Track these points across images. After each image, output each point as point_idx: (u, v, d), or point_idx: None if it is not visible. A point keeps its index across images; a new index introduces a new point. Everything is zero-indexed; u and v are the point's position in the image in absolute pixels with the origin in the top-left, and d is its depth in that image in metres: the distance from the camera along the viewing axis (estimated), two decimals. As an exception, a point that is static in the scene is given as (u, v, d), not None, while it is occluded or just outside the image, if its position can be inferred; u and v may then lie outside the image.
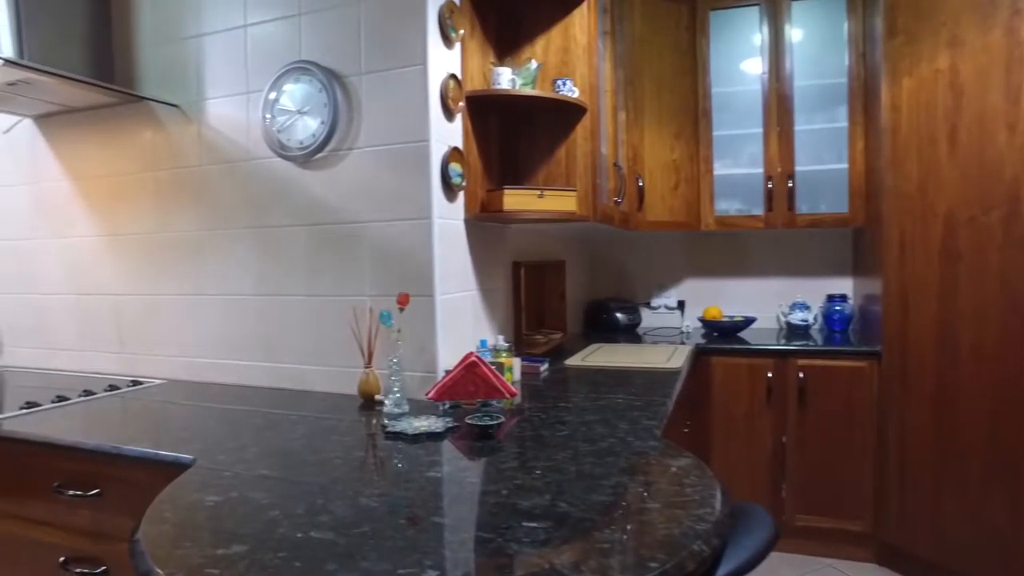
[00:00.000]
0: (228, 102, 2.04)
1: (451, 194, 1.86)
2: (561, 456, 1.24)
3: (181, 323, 2.18)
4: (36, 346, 2.53)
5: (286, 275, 1.98)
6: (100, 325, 2.36)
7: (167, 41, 2.15)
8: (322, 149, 1.88)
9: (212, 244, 2.10)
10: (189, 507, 1.03)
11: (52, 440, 1.52)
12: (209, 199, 2.09)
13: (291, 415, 1.66)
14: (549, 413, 1.60)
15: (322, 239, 1.91)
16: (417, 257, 1.78)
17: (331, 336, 1.91)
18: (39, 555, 1.57)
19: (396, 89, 1.78)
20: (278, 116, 1.93)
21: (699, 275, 3.44)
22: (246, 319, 2.05)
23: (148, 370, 2.25)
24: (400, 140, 1.78)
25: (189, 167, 2.12)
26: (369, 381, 1.78)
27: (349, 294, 1.88)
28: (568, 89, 2.03)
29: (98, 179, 2.32)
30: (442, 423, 1.49)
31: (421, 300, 1.78)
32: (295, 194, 1.95)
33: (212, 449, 1.37)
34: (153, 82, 2.18)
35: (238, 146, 2.03)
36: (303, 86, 1.89)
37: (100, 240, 2.33)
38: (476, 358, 1.67)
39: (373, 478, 1.15)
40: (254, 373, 2.05)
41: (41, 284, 2.50)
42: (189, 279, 2.15)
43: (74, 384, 2.12)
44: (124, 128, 2.24)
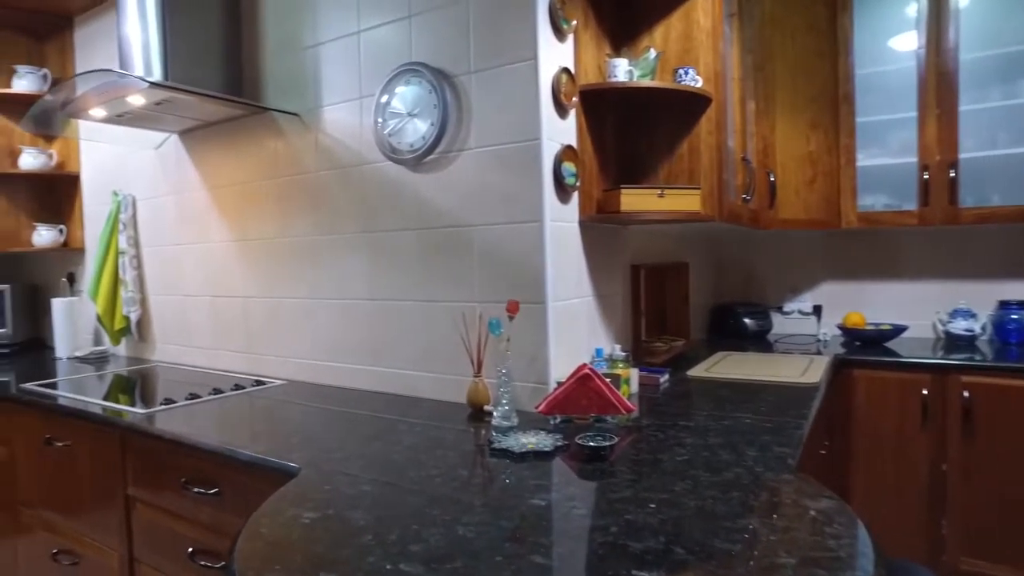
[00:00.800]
0: (342, 108, 2.06)
1: (564, 195, 1.76)
2: (679, 487, 1.11)
3: (300, 326, 2.24)
4: (180, 343, 2.72)
5: (397, 280, 1.97)
6: (230, 325, 2.50)
7: (288, 52, 2.21)
8: (432, 151, 1.84)
9: (327, 249, 2.14)
10: (285, 524, 1.01)
11: (179, 438, 1.59)
12: (325, 204, 2.14)
13: (400, 424, 1.64)
14: (668, 433, 1.46)
15: (432, 243, 1.88)
16: (528, 262, 1.70)
17: (441, 343, 1.88)
18: (174, 543, 1.66)
19: (506, 86, 1.70)
20: (389, 119, 1.93)
21: (838, 278, 3.11)
22: (359, 323, 2.07)
23: (271, 370, 2.34)
24: (511, 140, 1.71)
25: (307, 173, 2.18)
26: (478, 391, 1.73)
27: (459, 300, 1.84)
28: (690, 79, 1.87)
29: (229, 187, 2.45)
30: (551, 440, 1.40)
31: (532, 307, 1.69)
32: (406, 198, 1.93)
33: (318, 458, 1.37)
34: (276, 92, 2.26)
35: (351, 151, 2.05)
36: (413, 88, 1.87)
37: (231, 245, 2.46)
38: (589, 370, 1.57)
39: (473, 503, 1.07)
40: (367, 378, 2.06)
41: (184, 286, 2.68)
42: (307, 283, 2.21)
43: (207, 381, 2.25)
44: (251, 138, 2.35)
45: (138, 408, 1.90)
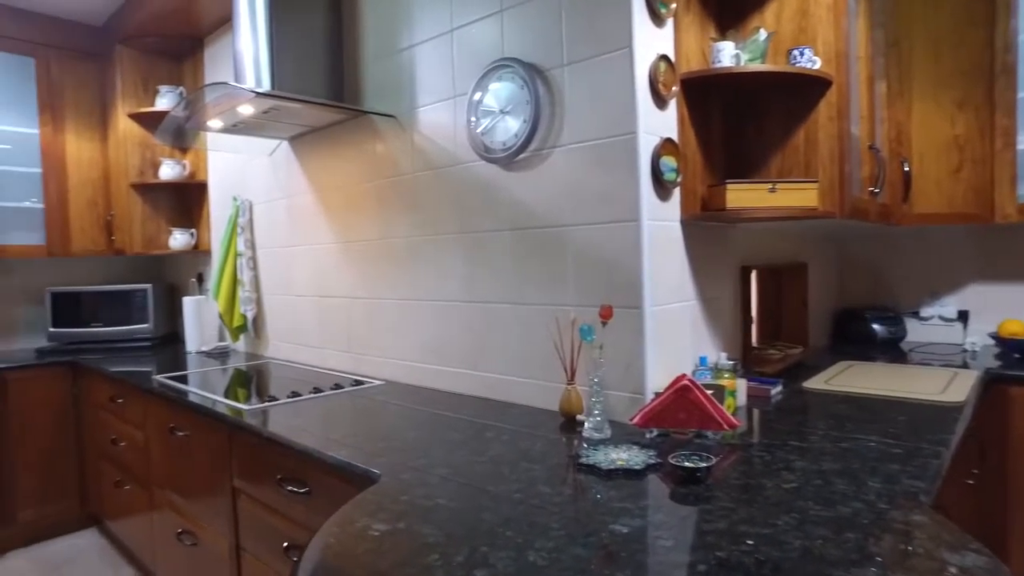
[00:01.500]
0: (437, 108, 2.05)
1: (664, 192, 1.64)
2: (784, 521, 0.97)
3: (399, 327, 2.26)
4: (291, 341, 2.85)
5: (491, 282, 1.93)
6: (335, 325, 2.57)
7: (385, 56, 2.24)
8: (524, 149, 1.78)
9: (424, 250, 2.14)
10: (355, 535, 0.99)
11: (273, 437, 1.64)
12: (421, 206, 2.14)
13: (489, 431, 1.59)
14: (775, 454, 1.31)
15: (526, 244, 1.82)
16: (624, 264, 1.59)
17: (535, 347, 1.81)
18: (271, 537, 1.71)
19: (600, 78, 1.61)
20: (482, 118, 1.89)
21: (990, 279, 2.72)
22: (455, 325, 2.05)
23: (372, 370, 2.38)
24: (605, 134, 1.61)
25: (404, 175, 2.19)
26: (571, 399, 1.65)
27: (552, 303, 1.77)
28: (807, 60, 1.68)
29: (333, 190, 2.52)
30: (643, 457, 1.29)
31: (628, 312, 1.59)
32: (499, 198, 1.89)
33: (400, 465, 1.34)
34: (374, 96, 2.30)
35: (446, 151, 2.03)
36: (505, 84, 1.82)
37: (335, 246, 2.53)
38: (689, 381, 1.44)
39: (550, 525, 1.00)
40: (463, 381, 2.04)
41: (294, 286, 2.80)
42: (405, 284, 2.23)
43: (311, 379, 2.33)
44: (352, 141, 2.40)
45: (242, 404, 1.99)
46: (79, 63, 3.51)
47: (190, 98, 2.28)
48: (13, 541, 3.12)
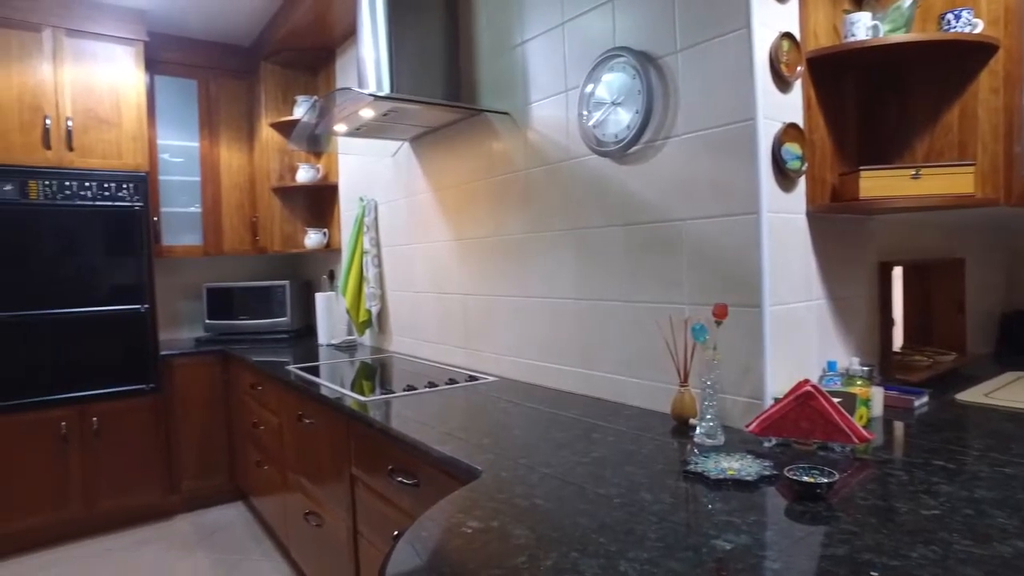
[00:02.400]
0: (549, 103, 2.03)
1: (786, 182, 1.51)
2: (919, 553, 0.85)
3: (512, 323, 2.27)
4: (412, 336, 2.95)
5: (603, 279, 1.88)
6: (452, 321, 2.63)
7: (499, 53, 2.25)
8: (636, 141, 1.72)
9: (536, 247, 2.13)
10: (448, 530, 0.99)
11: (385, 428, 1.69)
12: (534, 202, 2.12)
13: (596, 431, 1.55)
14: (915, 474, 1.16)
15: (638, 240, 1.76)
16: (742, 260, 1.49)
17: (647, 347, 1.74)
18: (383, 525, 1.77)
19: (716, 63, 1.51)
20: (593, 111, 1.84)
21: None
22: (567, 323, 2.02)
23: (487, 366, 2.41)
24: (721, 122, 1.51)
25: (517, 171, 2.19)
26: (684, 402, 1.57)
27: (666, 301, 1.69)
28: (964, 23, 1.47)
29: (450, 188, 2.57)
30: (756, 467, 1.20)
31: (746, 311, 1.48)
32: (611, 192, 1.83)
33: (502, 462, 1.34)
34: (489, 93, 2.31)
35: (558, 146, 2.01)
36: (617, 75, 1.76)
37: (452, 244, 2.59)
38: (812, 387, 1.32)
39: (647, 535, 0.94)
40: (575, 379, 2.01)
41: (414, 283, 2.90)
42: (518, 281, 2.23)
43: (428, 374, 2.39)
44: (468, 140, 2.44)
45: (359, 396, 2.08)
46: (231, 81, 3.86)
47: (318, 105, 2.42)
48: (178, 506, 3.50)
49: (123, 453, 3.29)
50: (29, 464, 3.06)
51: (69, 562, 2.97)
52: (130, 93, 3.29)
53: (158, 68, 3.61)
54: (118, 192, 3.25)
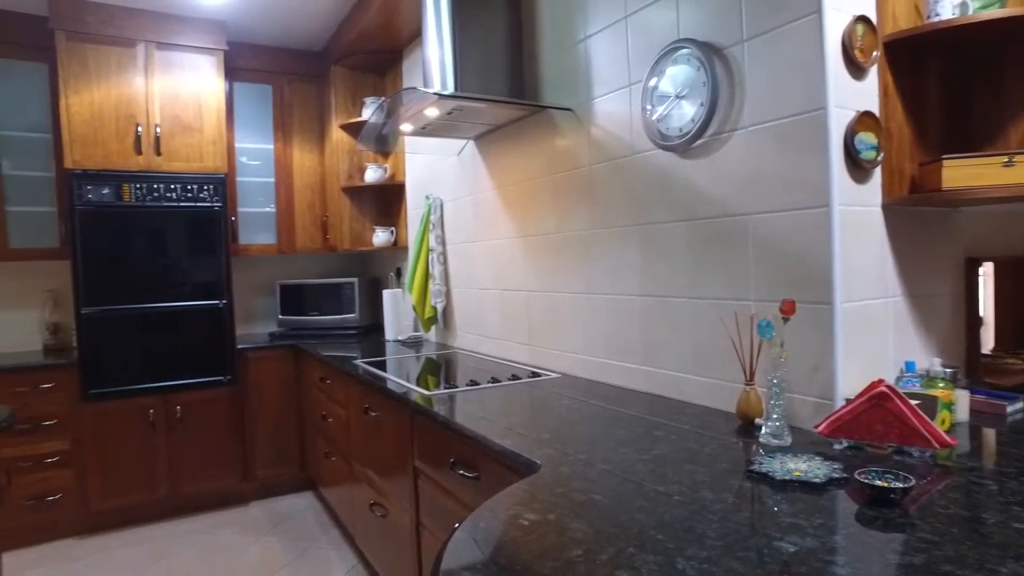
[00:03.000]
0: (612, 98, 2.01)
1: (860, 173, 1.44)
2: (1009, 569, 0.79)
3: (576, 320, 2.26)
4: (476, 333, 2.98)
5: (668, 275, 1.85)
6: (516, 318, 2.64)
7: (562, 49, 2.24)
8: (701, 135, 1.68)
9: (600, 243, 2.11)
10: (505, 522, 0.99)
11: (447, 422, 1.72)
12: (598, 198, 2.11)
13: (658, 429, 1.52)
14: (1007, 484, 1.08)
15: (703, 235, 1.72)
16: (811, 255, 1.43)
17: (712, 344, 1.70)
18: (445, 517, 1.80)
19: (783, 51, 1.46)
20: (657, 105, 1.81)
21: None
22: (631, 320, 2.00)
23: (550, 363, 2.41)
24: (789, 113, 1.46)
25: (581, 167, 2.18)
26: (750, 401, 1.52)
27: (731, 298, 1.64)
28: (1062, 1, 1.37)
29: (514, 186, 2.58)
30: (825, 469, 1.15)
31: (816, 308, 1.42)
32: (676, 187, 1.80)
33: (561, 458, 1.33)
34: (552, 90, 2.31)
35: (622, 141, 1.98)
36: (681, 68, 1.72)
37: (516, 241, 2.60)
38: (887, 388, 1.26)
39: (706, 534, 0.92)
40: (638, 377, 1.98)
41: (478, 280, 2.93)
42: (581, 278, 2.22)
43: (492, 370, 2.41)
44: (532, 137, 2.44)
45: (423, 390, 2.12)
46: (303, 85, 4.01)
47: (385, 105, 2.48)
48: (253, 493, 3.66)
49: (203, 440, 3.47)
50: (123, 448, 3.28)
51: (154, 540, 3.16)
52: (211, 99, 3.47)
53: (236, 75, 3.79)
54: (200, 193, 3.43)
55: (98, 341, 3.23)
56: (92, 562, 2.98)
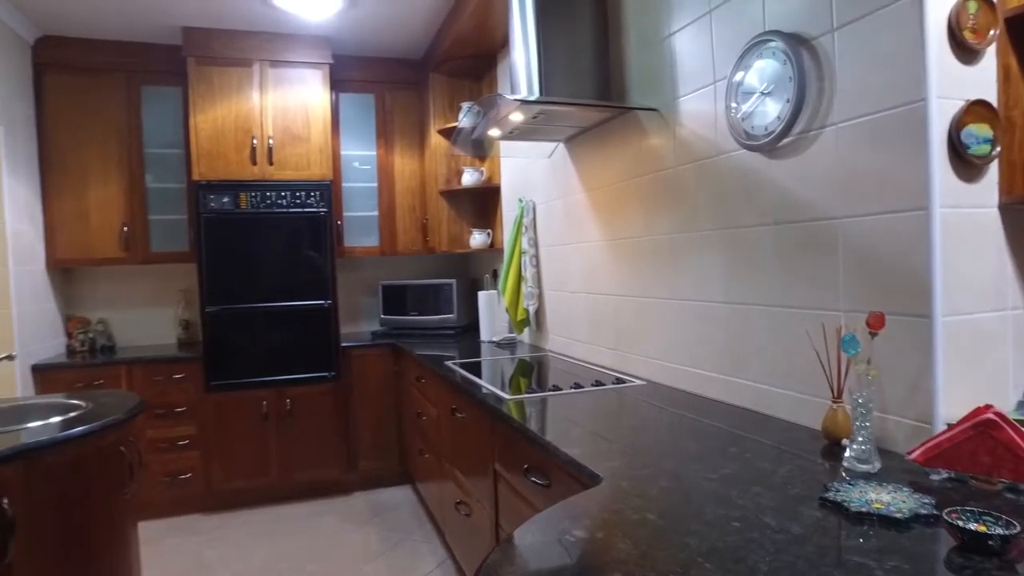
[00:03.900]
0: (697, 97, 1.93)
1: (969, 170, 1.29)
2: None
3: (661, 326, 2.19)
4: (566, 336, 2.97)
5: (753, 281, 1.75)
6: (603, 322, 2.60)
7: (646, 48, 2.18)
8: (787, 133, 1.57)
9: (685, 247, 2.03)
10: (554, 535, 0.98)
11: (522, 428, 1.72)
12: (683, 200, 2.03)
13: (734, 445, 1.45)
14: None
15: (790, 240, 1.61)
16: (908, 262, 1.30)
17: (799, 356, 1.59)
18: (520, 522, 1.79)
19: (878, 39, 1.33)
20: (741, 102, 1.72)
21: None
22: (715, 328, 1.91)
23: (635, 369, 2.36)
24: (883, 107, 1.33)
25: (666, 169, 2.11)
26: (837, 419, 1.41)
27: (819, 307, 1.53)
28: None
29: (602, 188, 2.55)
30: (911, 503, 1.04)
31: (914, 321, 1.29)
32: (761, 188, 1.70)
33: (625, 471, 1.30)
34: (637, 90, 2.25)
35: (707, 142, 1.90)
36: (766, 62, 1.62)
37: (604, 244, 2.56)
38: (995, 414, 1.13)
39: (759, 566, 0.86)
40: (721, 387, 1.89)
41: (569, 283, 2.91)
42: (667, 283, 2.15)
43: (577, 374, 2.40)
44: (618, 138, 2.39)
45: (504, 393, 2.13)
46: (404, 92, 4.16)
47: (473, 111, 2.52)
48: (356, 484, 3.86)
49: (310, 432, 3.70)
50: (240, 436, 3.57)
51: (265, 522, 3.41)
52: (317, 111, 3.68)
53: (341, 86, 4.00)
54: (307, 199, 3.66)
55: (219, 337, 3.53)
56: (214, 536, 3.27)
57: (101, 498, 2.02)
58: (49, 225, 3.54)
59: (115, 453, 2.08)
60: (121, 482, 2.11)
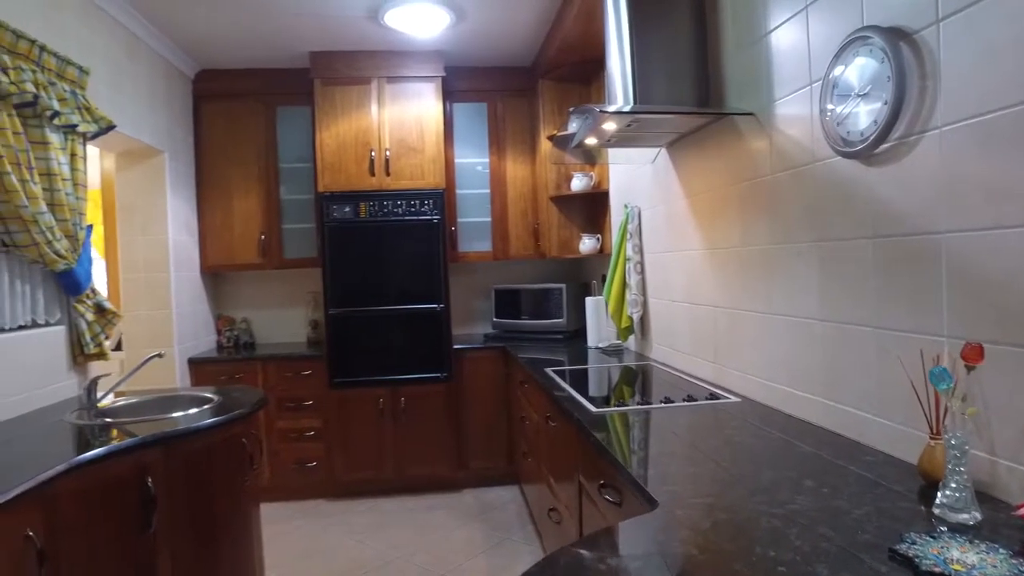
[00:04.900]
0: (793, 100, 1.80)
1: (1104, 178, 1.11)
2: None
3: (756, 341, 2.08)
4: (668, 346, 2.89)
5: (849, 299, 1.61)
6: (703, 334, 2.50)
7: (743, 48, 2.07)
8: (885, 138, 1.43)
9: (781, 259, 1.91)
10: (585, 564, 0.98)
11: (599, 442, 1.71)
12: (778, 210, 1.91)
13: (810, 477, 1.35)
14: None
15: (889, 255, 1.47)
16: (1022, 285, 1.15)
17: (897, 382, 1.45)
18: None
19: (991, 27, 1.18)
20: (836, 105, 1.58)
21: None
22: (810, 346, 1.78)
23: (732, 383, 2.25)
24: (996, 106, 1.17)
25: (763, 177, 1.99)
26: (934, 458, 1.27)
27: (919, 331, 1.38)
28: None
29: (701, 195, 2.45)
30: (1005, 569, 0.92)
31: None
32: (858, 199, 1.56)
33: (685, 498, 1.26)
34: (735, 93, 2.14)
35: (803, 148, 1.77)
36: (862, 61, 1.49)
37: (703, 253, 2.46)
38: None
39: (788, 620, 0.81)
40: (812, 408, 1.77)
41: (671, 292, 2.83)
42: (763, 296, 2.03)
43: (670, 387, 2.33)
44: (716, 143, 2.29)
45: (590, 405, 2.12)
46: (515, 100, 4.24)
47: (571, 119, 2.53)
48: (466, 482, 4.00)
49: (423, 430, 3.88)
50: (359, 430, 3.82)
51: (380, 513, 3.63)
52: (431, 122, 3.85)
53: (455, 96, 4.15)
54: (421, 208, 3.84)
55: (341, 337, 3.80)
56: (334, 522, 3.53)
57: (225, 481, 2.26)
58: (202, 235, 4.00)
59: (238, 443, 2.32)
60: (242, 469, 2.35)
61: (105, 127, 2.67)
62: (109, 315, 2.71)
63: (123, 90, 3.12)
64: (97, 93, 2.81)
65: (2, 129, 2.15)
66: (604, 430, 1.81)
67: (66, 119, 2.44)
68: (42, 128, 2.35)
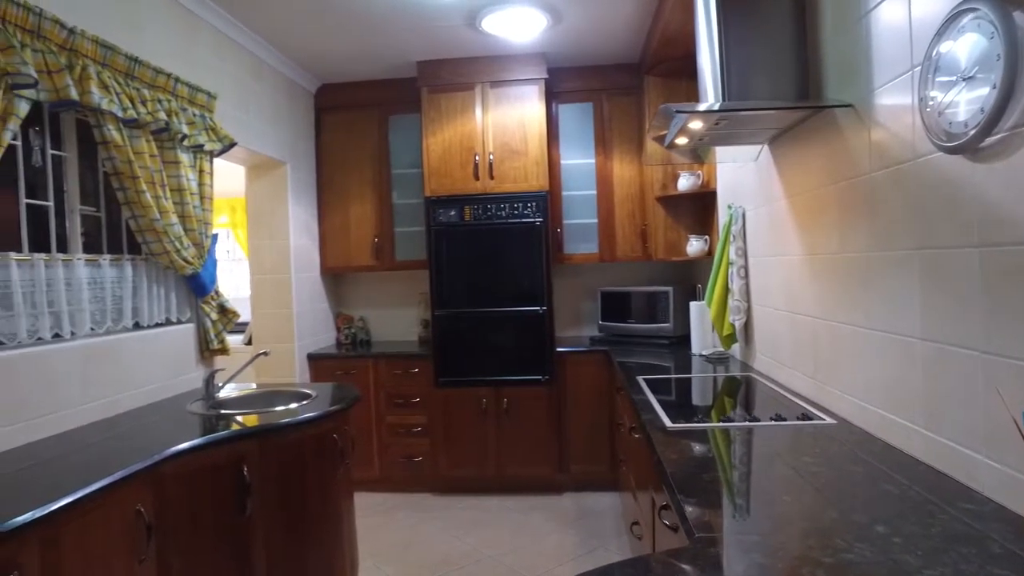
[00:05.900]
0: (893, 88, 1.59)
1: None
2: None
3: (856, 358, 1.87)
4: (769, 356, 2.68)
5: (953, 316, 1.40)
6: (803, 347, 2.30)
7: (842, 32, 1.86)
8: (992, 129, 1.22)
9: (880, 268, 1.70)
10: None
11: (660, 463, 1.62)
12: (876, 213, 1.70)
13: (885, 523, 1.19)
14: None
15: (1000, 266, 1.25)
16: None
17: (1009, 417, 1.24)
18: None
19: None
20: (938, 92, 1.38)
21: None
22: (911, 368, 1.57)
23: (831, 403, 2.04)
24: (1123, 90, 0.97)
25: (861, 176, 1.78)
26: (1046, 508, 1.07)
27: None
28: None
29: (800, 195, 2.25)
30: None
31: None
32: (963, 199, 1.35)
33: (732, 533, 1.16)
34: (833, 82, 1.94)
35: (903, 142, 1.56)
36: (969, 38, 1.28)
37: (804, 259, 2.26)
38: None
39: None
40: (916, 441, 1.55)
41: (773, 299, 2.62)
42: (862, 308, 1.82)
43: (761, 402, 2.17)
44: (814, 138, 2.09)
45: (666, 419, 2.01)
46: (621, 98, 4.12)
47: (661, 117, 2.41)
48: (567, 485, 3.98)
49: (525, 431, 3.90)
50: (462, 429, 3.92)
51: (480, 510, 3.70)
52: (533, 125, 3.85)
53: (559, 98, 4.12)
54: (524, 210, 3.85)
55: (447, 337, 3.92)
56: (437, 515, 3.66)
57: (316, 474, 2.41)
58: (322, 238, 4.30)
59: (329, 438, 2.47)
60: (333, 463, 2.49)
61: (228, 144, 2.95)
62: (230, 314, 2.99)
63: (248, 109, 3.42)
64: (224, 114, 3.11)
65: (140, 153, 2.43)
66: (674, 448, 1.72)
67: (194, 140, 2.72)
68: (174, 149, 2.63)
